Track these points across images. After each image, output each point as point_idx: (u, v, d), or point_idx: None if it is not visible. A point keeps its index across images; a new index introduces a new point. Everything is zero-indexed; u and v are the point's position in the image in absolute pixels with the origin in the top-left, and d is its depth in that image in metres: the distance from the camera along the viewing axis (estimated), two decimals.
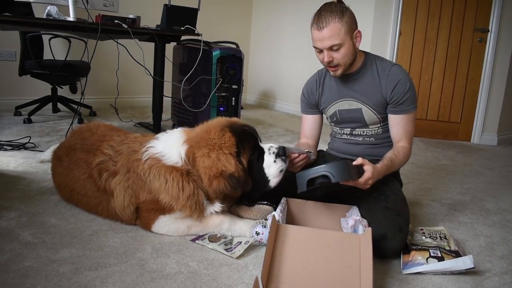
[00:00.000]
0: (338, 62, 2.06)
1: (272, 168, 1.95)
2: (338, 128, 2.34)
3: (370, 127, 2.23)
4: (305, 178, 1.83)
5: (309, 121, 2.38)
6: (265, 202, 2.01)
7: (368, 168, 1.84)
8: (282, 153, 1.97)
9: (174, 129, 2.11)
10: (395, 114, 2.13)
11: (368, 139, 2.26)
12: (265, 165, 1.96)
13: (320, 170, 1.80)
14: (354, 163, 1.88)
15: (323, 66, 2.24)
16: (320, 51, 2.07)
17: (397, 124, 2.14)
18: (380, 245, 1.83)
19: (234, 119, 2.06)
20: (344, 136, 2.31)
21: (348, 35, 2.01)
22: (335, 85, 2.23)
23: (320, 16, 2.03)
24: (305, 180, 1.82)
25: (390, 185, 2.13)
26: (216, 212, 1.97)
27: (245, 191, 1.95)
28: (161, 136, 2.07)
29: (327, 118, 2.36)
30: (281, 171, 1.96)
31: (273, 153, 1.96)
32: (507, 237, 2.22)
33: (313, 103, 2.33)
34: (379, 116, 2.18)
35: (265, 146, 2.00)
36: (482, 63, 4.67)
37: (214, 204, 1.95)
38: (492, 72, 4.64)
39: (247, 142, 1.93)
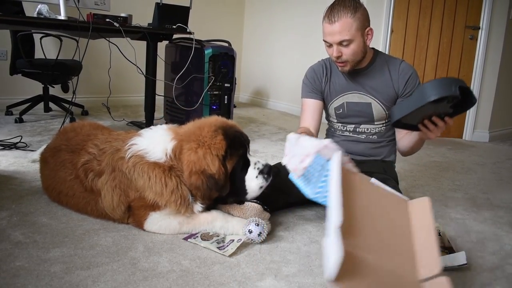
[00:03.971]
0: (346, 58, 2.07)
1: (253, 183, 1.98)
2: (340, 125, 2.32)
3: (375, 123, 2.24)
4: (449, 83, 1.64)
5: (310, 107, 2.31)
6: (255, 200, 2.00)
7: None
8: (266, 171, 1.99)
9: (159, 126, 2.09)
10: None
11: (371, 136, 2.27)
12: (247, 177, 1.98)
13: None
14: None
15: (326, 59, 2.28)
16: (330, 45, 2.07)
17: None
18: None
19: (231, 122, 2.04)
20: (346, 133, 2.30)
21: (359, 31, 2.02)
22: (344, 77, 2.23)
23: (332, 10, 2.03)
24: (453, 87, 1.62)
25: (387, 183, 2.13)
26: (204, 210, 1.97)
27: (221, 195, 1.96)
28: (145, 132, 2.06)
29: (329, 112, 2.33)
30: (261, 187, 1.99)
31: (258, 168, 1.98)
32: (498, 233, 2.23)
33: (318, 88, 2.30)
34: (387, 112, 2.20)
35: (252, 159, 2.01)
36: (473, 60, 4.70)
37: (196, 202, 1.96)
38: (483, 69, 4.67)
39: (236, 150, 1.94)
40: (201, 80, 3.92)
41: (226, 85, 4.02)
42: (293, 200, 2.28)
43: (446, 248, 1.85)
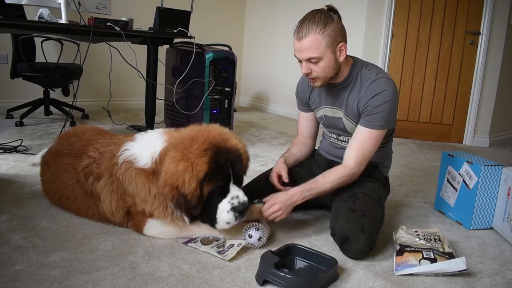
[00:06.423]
0: (316, 75, 1.97)
1: (223, 215, 1.83)
2: (327, 131, 2.34)
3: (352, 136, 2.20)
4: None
5: (304, 119, 2.37)
6: (256, 201, 1.98)
7: (273, 195, 1.95)
8: (240, 209, 1.82)
9: (156, 129, 2.04)
10: (360, 124, 2.03)
11: None
12: (219, 207, 1.84)
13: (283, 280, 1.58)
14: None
15: None
16: (300, 61, 1.98)
17: (356, 134, 2.03)
18: (344, 247, 1.87)
19: (230, 143, 1.85)
20: (332, 139, 2.30)
21: (329, 48, 1.90)
22: (322, 90, 2.18)
23: (301, 25, 1.91)
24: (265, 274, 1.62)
25: (364, 186, 2.09)
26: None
27: (191, 215, 1.86)
28: (139, 136, 2.02)
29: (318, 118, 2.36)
30: (228, 223, 1.84)
31: (231, 204, 1.82)
32: (498, 238, 2.23)
33: (305, 101, 2.32)
34: None
35: (233, 191, 1.84)
36: (473, 66, 4.70)
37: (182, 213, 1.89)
38: (484, 74, 4.68)
39: (217, 179, 1.79)
40: (201, 84, 3.92)
41: (226, 89, 4.03)
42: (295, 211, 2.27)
43: (446, 253, 1.85)
